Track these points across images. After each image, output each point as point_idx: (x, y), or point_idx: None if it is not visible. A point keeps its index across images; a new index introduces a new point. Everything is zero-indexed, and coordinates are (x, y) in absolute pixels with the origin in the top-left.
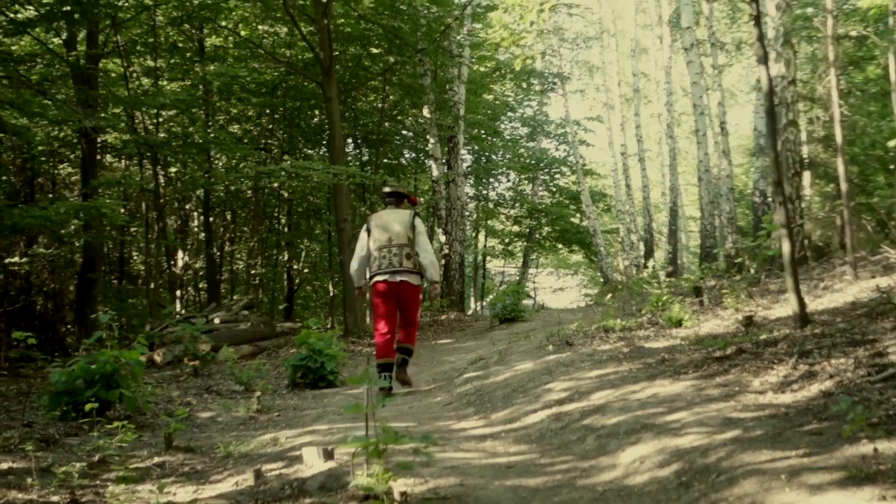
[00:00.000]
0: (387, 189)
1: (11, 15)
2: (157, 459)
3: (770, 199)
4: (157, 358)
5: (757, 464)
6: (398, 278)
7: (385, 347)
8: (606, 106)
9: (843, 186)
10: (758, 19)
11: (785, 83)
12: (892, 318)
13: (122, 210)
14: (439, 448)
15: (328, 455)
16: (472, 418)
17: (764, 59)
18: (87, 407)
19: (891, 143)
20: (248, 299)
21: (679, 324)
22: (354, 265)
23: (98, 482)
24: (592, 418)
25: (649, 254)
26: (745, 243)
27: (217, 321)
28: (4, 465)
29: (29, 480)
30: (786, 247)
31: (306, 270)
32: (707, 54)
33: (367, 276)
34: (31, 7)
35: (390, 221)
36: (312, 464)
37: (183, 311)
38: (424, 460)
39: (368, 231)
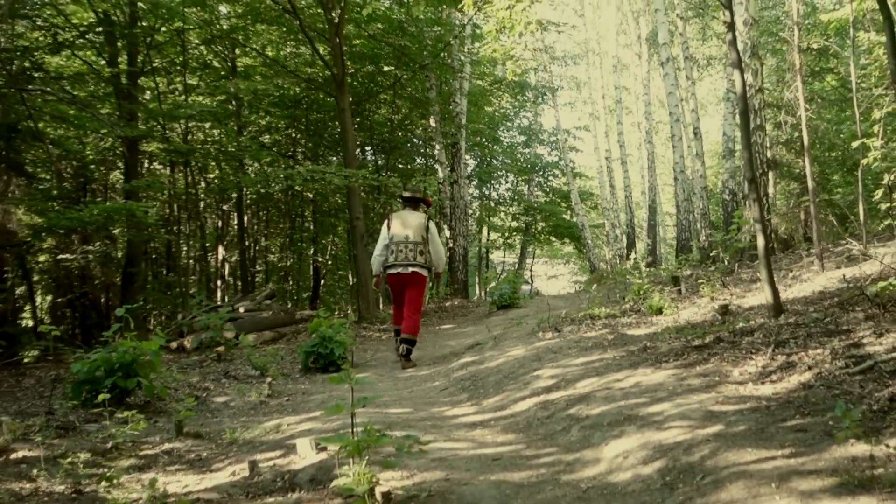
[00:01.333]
0: (406, 194)
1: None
2: (166, 446)
3: (738, 197)
4: (187, 344)
5: (743, 465)
6: (410, 270)
7: (398, 320)
8: (592, 116)
9: (810, 184)
10: (732, 25)
11: (753, 91)
12: (864, 308)
13: (151, 211)
14: (431, 437)
15: (321, 447)
16: (465, 404)
17: (738, 63)
18: (101, 397)
19: (854, 144)
20: (271, 290)
21: (659, 311)
22: (375, 256)
23: (105, 470)
24: (577, 408)
25: (631, 246)
26: (717, 236)
27: (242, 310)
28: (20, 454)
29: (35, 471)
30: (760, 240)
31: (330, 263)
32: (681, 68)
33: (380, 263)
34: (72, 28)
35: (407, 222)
36: (305, 455)
37: (208, 302)
38: (414, 452)
39: (388, 228)
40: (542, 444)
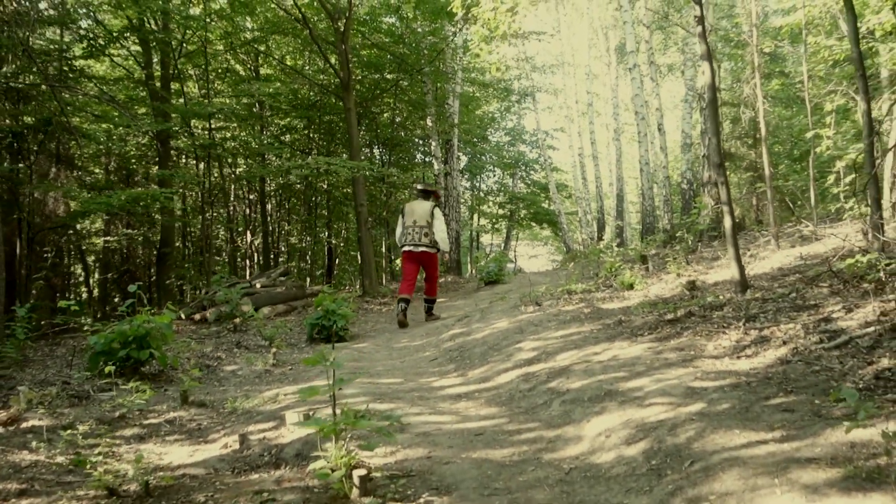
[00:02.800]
0: (419, 186)
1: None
2: (171, 415)
3: (695, 186)
4: (208, 315)
5: (733, 449)
6: (419, 249)
7: (404, 290)
8: (567, 119)
9: (767, 170)
10: (701, 18)
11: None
12: (828, 283)
13: (176, 197)
14: (416, 410)
15: (309, 420)
16: (451, 375)
17: (708, 55)
18: (107, 369)
19: (808, 135)
20: (285, 268)
21: (631, 287)
22: (397, 235)
23: (106, 440)
24: (558, 381)
25: (601, 229)
26: (678, 220)
27: (258, 286)
28: (30, 423)
29: (34, 443)
30: (727, 221)
31: (342, 244)
32: (645, 74)
33: (400, 244)
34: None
35: (417, 209)
36: (293, 428)
37: (227, 279)
38: (397, 427)
39: (402, 214)
40: (524, 418)
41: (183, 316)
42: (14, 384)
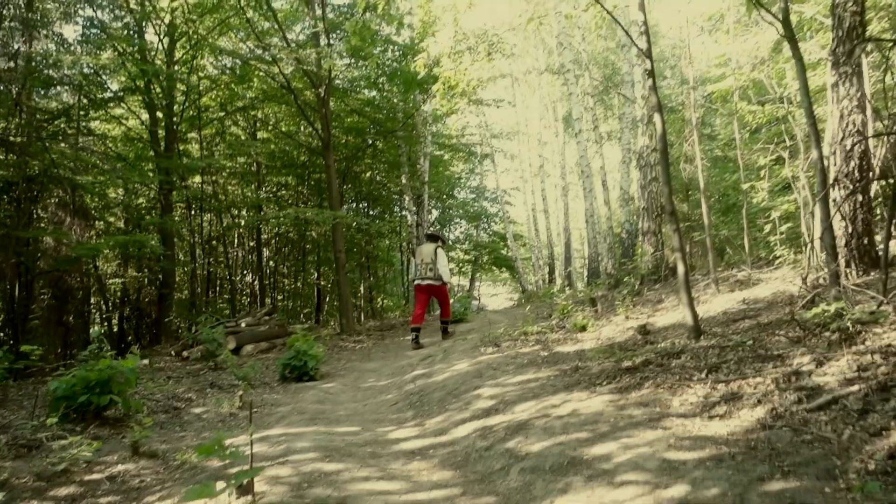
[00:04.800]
0: (428, 232)
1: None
2: (118, 468)
3: (633, 236)
4: (187, 354)
5: None
6: (425, 282)
7: (415, 321)
8: (522, 179)
9: (707, 221)
10: (651, 72)
11: (649, 151)
12: (784, 330)
13: (154, 243)
14: (366, 472)
15: (244, 490)
16: (409, 423)
17: (658, 107)
18: (49, 421)
19: (745, 186)
20: (270, 308)
21: (583, 329)
22: (412, 273)
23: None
24: (516, 440)
25: (552, 273)
26: (628, 264)
27: (243, 324)
28: None
29: None
30: (680, 267)
31: (329, 286)
32: (590, 139)
33: (411, 279)
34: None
35: (424, 250)
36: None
37: (211, 318)
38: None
39: (413, 254)
40: (479, 488)
41: (173, 353)
42: None
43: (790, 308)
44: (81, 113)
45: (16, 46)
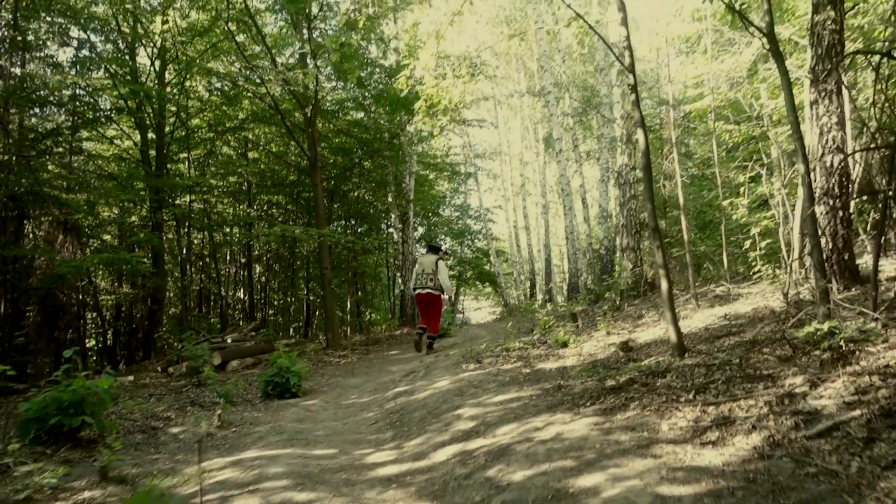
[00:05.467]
0: (431, 244)
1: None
2: (84, 495)
3: (612, 252)
4: (171, 370)
5: None
6: (426, 290)
7: (423, 322)
8: (504, 198)
9: (686, 236)
10: (634, 87)
11: (628, 169)
12: (771, 348)
13: (145, 262)
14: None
15: None
16: (388, 445)
17: (641, 123)
18: (11, 447)
19: (725, 203)
20: (257, 323)
21: (565, 345)
22: (411, 283)
23: None
24: (497, 467)
25: (533, 287)
26: (608, 280)
27: (229, 340)
28: None
29: None
30: (664, 284)
31: (319, 301)
32: (570, 158)
33: (412, 288)
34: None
35: (425, 261)
36: None
37: (196, 335)
38: None
39: (415, 264)
40: None
41: (159, 369)
42: None
43: (775, 325)
44: (70, 132)
45: None
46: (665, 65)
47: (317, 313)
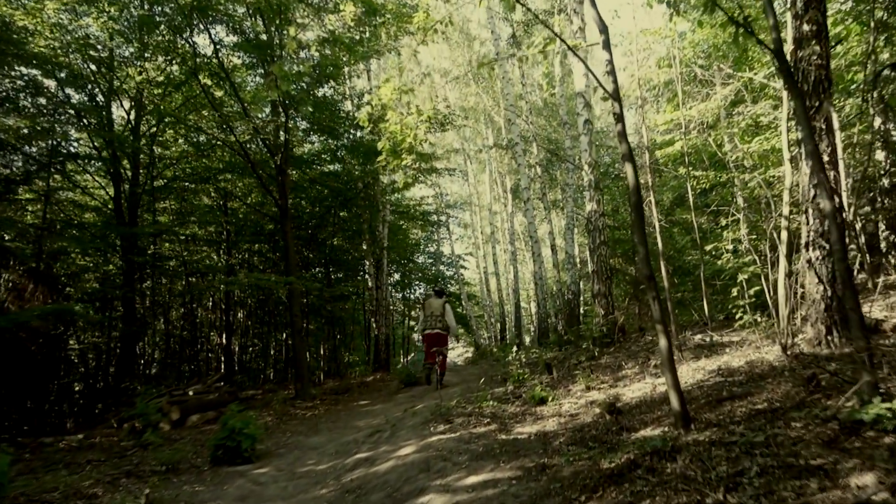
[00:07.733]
0: (436, 288)
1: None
2: None
3: (578, 297)
4: (125, 426)
5: None
6: (435, 330)
7: (429, 359)
8: (475, 245)
9: (666, 283)
10: (620, 116)
11: (597, 216)
12: (803, 422)
13: (91, 311)
14: None
15: None
16: None
17: (629, 156)
18: None
19: (708, 247)
20: (221, 374)
21: (542, 401)
22: (418, 327)
23: None
24: None
25: (503, 329)
26: (566, 325)
27: (191, 392)
28: None
29: None
30: (662, 342)
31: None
32: (537, 207)
33: (421, 329)
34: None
35: (433, 304)
36: None
37: (152, 389)
38: None
39: (422, 307)
40: None
41: (115, 425)
42: None
43: (790, 386)
44: (42, 181)
45: None
46: (640, 104)
47: (291, 360)
